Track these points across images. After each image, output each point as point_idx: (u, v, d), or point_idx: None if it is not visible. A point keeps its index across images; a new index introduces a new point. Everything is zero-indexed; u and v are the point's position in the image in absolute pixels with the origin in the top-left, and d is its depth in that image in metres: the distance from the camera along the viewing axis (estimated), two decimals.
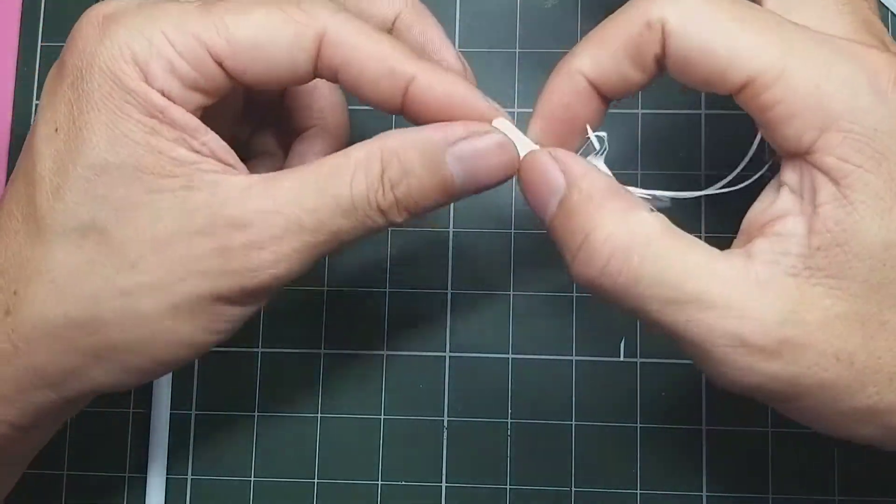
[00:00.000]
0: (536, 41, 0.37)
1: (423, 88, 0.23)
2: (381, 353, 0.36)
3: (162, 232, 0.22)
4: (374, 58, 0.23)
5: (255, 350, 0.36)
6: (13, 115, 0.38)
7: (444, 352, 0.35)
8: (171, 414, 0.36)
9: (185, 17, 0.22)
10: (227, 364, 0.36)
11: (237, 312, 0.24)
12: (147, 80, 0.22)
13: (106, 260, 0.22)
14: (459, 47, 0.37)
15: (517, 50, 0.37)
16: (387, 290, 0.36)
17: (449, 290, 0.36)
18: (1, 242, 0.23)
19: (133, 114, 0.22)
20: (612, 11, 0.23)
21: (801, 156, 0.22)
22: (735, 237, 0.24)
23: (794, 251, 0.21)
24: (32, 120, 0.37)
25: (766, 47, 0.21)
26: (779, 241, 0.21)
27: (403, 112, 0.24)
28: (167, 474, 0.35)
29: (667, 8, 0.22)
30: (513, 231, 0.36)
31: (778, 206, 0.22)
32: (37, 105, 0.38)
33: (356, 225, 0.23)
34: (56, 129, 0.23)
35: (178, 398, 0.36)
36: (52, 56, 0.38)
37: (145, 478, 0.35)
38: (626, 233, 0.22)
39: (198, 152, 0.23)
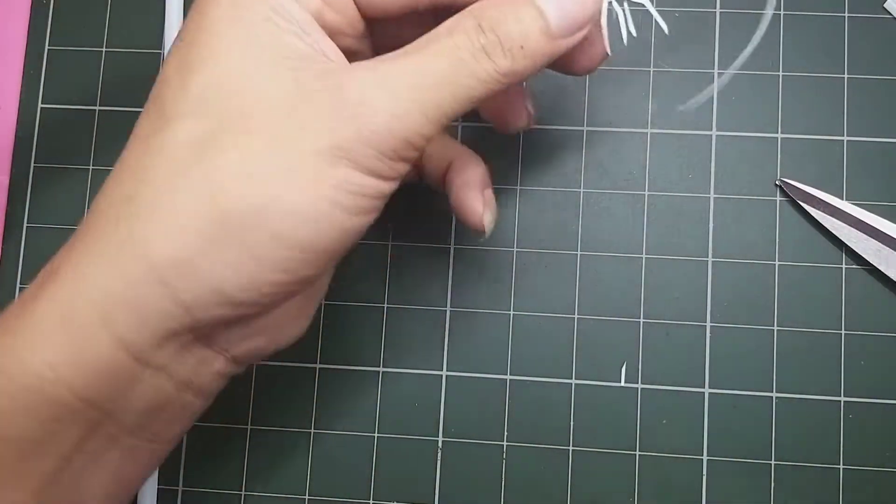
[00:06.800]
0: None
1: None
2: (377, 369, 0.35)
3: (277, 99, 0.22)
4: None
5: None
6: (18, 118, 0.37)
7: (441, 370, 0.35)
8: None
9: None
10: None
11: (365, 184, 0.23)
12: None
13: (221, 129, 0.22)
14: None
15: None
16: (385, 305, 0.35)
17: (448, 308, 0.35)
18: (130, 154, 0.23)
19: (252, 5, 0.23)
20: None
21: None
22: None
23: None
24: (37, 123, 0.37)
25: None
26: None
27: None
28: (158, 485, 0.35)
29: None
30: (515, 250, 0.35)
31: None
32: (42, 108, 0.37)
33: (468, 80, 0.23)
34: (182, 39, 0.23)
35: None
36: (58, 59, 0.38)
37: None
38: None
39: (310, 47, 0.23)
